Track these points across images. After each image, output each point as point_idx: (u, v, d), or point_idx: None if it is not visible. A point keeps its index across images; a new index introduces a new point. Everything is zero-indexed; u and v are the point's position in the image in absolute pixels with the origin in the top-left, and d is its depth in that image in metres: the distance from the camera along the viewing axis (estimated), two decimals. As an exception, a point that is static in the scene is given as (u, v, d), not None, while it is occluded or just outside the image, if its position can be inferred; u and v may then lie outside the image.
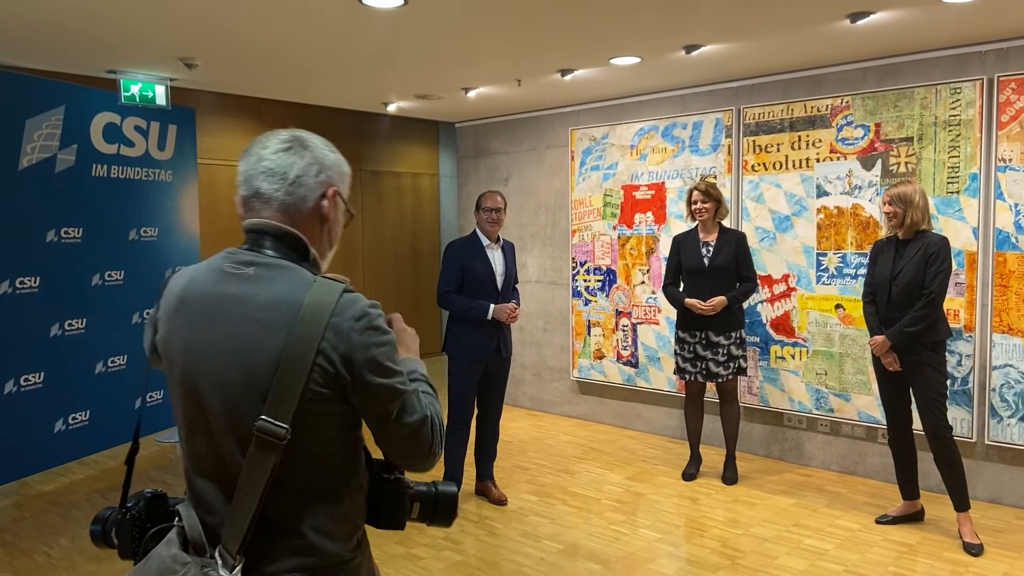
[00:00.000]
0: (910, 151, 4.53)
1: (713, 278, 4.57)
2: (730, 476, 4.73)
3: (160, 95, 5.20)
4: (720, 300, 4.51)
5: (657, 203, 5.71)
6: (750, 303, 5.04)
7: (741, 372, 4.67)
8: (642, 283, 5.82)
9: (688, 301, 4.58)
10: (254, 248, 1.33)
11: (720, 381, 4.66)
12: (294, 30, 4.15)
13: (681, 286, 4.73)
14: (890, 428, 4.03)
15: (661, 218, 5.68)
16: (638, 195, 5.81)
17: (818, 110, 4.88)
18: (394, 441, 1.33)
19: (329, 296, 1.25)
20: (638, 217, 5.82)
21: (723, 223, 4.71)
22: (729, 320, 4.58)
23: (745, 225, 5.20)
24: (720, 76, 5.29)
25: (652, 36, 4.29)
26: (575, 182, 6.24)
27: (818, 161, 4.88)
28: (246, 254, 1.32)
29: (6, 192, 4.30)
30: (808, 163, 4.93)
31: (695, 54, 4.59)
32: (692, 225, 4.77)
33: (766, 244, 5.12)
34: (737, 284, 4.61)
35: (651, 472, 4.99)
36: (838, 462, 4.95)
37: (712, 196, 4.60)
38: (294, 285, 1.27)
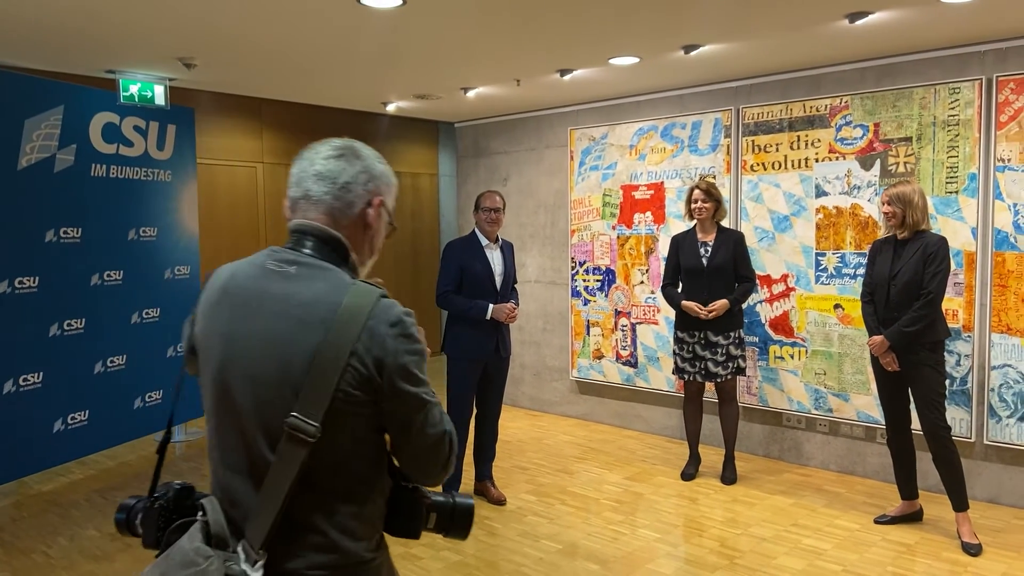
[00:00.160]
0: (909, 151, 4.53)
1: (712, 278, 4.57)
2: (729, 476, 4.74)
3: (159, 95, 5.20)
4: (722, 304, 4.51)
5: (656, 203, 5.71)
6: (749, 303, 5.04)
7: (740, 372, 4.67)
8: (641, 283, 5.82)
9: (686, 304, 4.58)
10: (297, 248, 1.36)
11: (719, 381, 4.66)
12: (293, 30, 4.15)
13: (680, 287, 4.73)
14: (889, 428, 4.03)
15: (660, 218, 5.68)
16: (637, 195, 5.81)
17: (817, 110, 4.88)
18: (413, 451, 1.35)
19: (366, 299, 1.28)
20: (637, 217, 5.82)
21: (721, 223, 4.72)
22: (728, 320, 4.58)
23: (744, 225, 5.20)
24: (719, 76, 5.29)
25: (651, 36, 4.29)
26: (574, 182, 6.24)
27: (817, 161, 4.89)
28: (289, 253, 1.36)
29: (5, 192, 4.29)
30: (807, 163, 4.93)
31: (694, 54, 4.59)
32: (690, 225, 4.77)
33: (765, 244, 5.12)
34: (736, 284, 4.62)
35: (650, 472, 4.99)
36: (837, 462, 4.95)
37: (713, 196, 4.60)
38: (333, 286, 1.30)
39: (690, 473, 4.85)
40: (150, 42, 4.44)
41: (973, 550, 3.70)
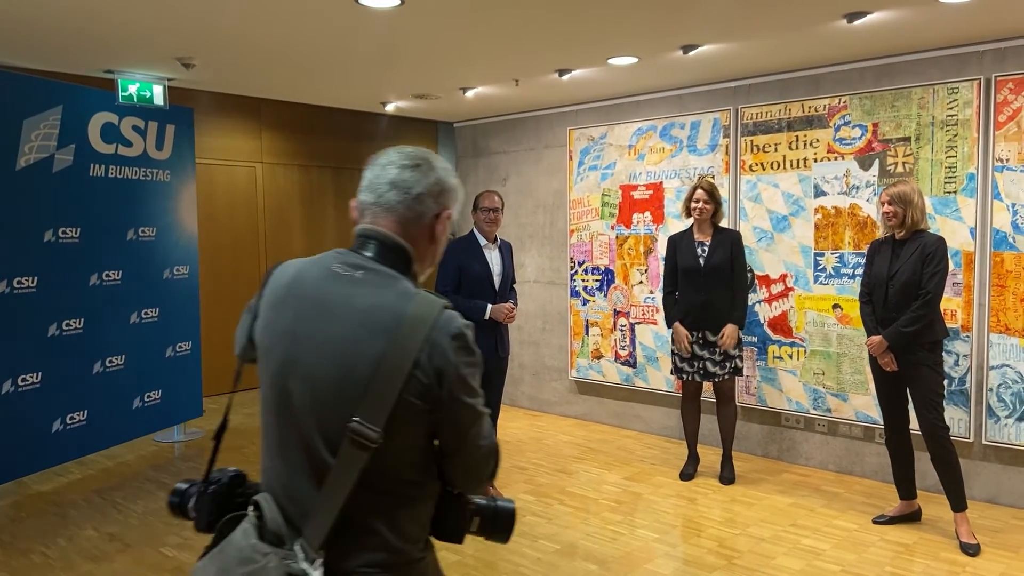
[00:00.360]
0: (907, 151, 4.53)
1: (709, 278, 4.58)
2: (727, 476, 4.74)
3: (158, 95, 5.20)
4: (731, 332, 4.56)
5: (655, 203, 5.71)
6: (748, 303, 5.03)
7: (737, 372, 4.68)
8: (640, 283, 5.82)
9: (677, 332, 4.65)
10: (364, 252, 1.38)
11: (717, 381, 4.67)
12: (291, 30, 4.15)
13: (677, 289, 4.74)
14: (887, 428, 4.03)
15: (659, 218, 5.68)
16: (636, 195, 5.81)
17: (816, 110, 4.88)
18: (465, 460, 1.39)
19: (430, 311, 1.30)
20: (636, 217, 5.82)
21: (718, 224, 4.72)
22: (726, 320, 4.59)
23: (743, 225, 5.20)
24: (718, 76, 5.29)
25: (649, 36, 4.29)
26: (573, 182, 6.24)
27: (816, 161, 4.89)
28: (356, 257, 1.38)
29: (3, 192, 4.29)
30: (806, 163, 4.93)
31: (692, 54, 4.59)
32: (687, 224, 4.77)
33: (764, 244, 5.12)
34: (732, 290, 4.62)
35: (649, 472, 4.99)
36: (835, 462, 4.95)
37: (715, 198, 4.60)
38: (398, 295, 1.32)
39: (689, 473, 4.85)
40: (149, 42, 4.44)
41: (971, 550, 3.70)
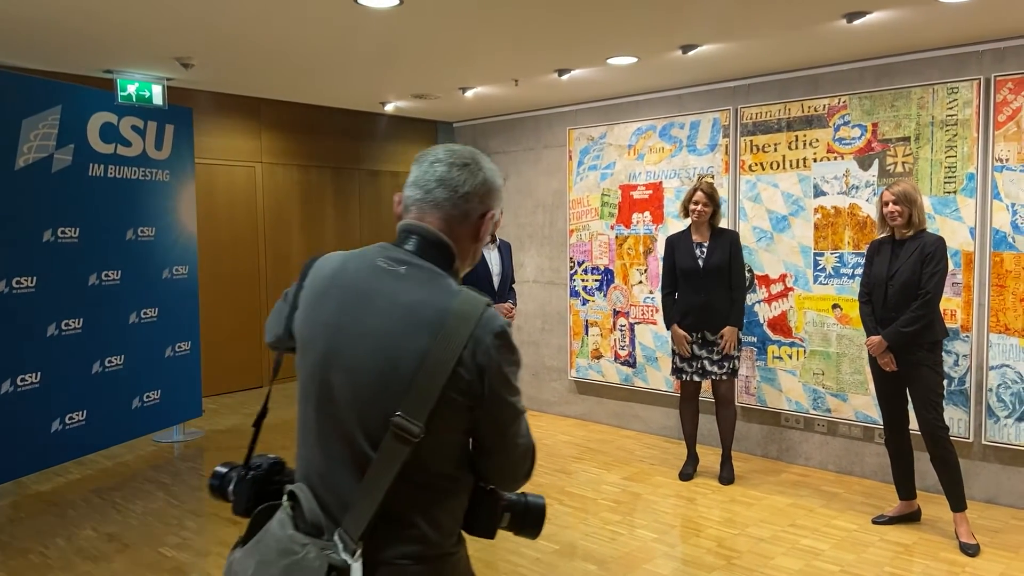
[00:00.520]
0: (907, 151, 4.53)
1: (708, 279, 4.57)
2: (726, 476, 4.73)
3: (157, 95, 5.20)
4: (730, 334, 4.56)
5: (655, 203, 5.70)
6: (747, 302, 5.03)
7: (734, 372, 4.67)
8: (640, 283, 5.82)
9: (676, 334, 4.65)
10: (408, 248, 1.39)
11: (714, 379, 4.66)
12: (290, 29, 4.14)
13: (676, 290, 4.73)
14: (887, 428, 4.03)
15: (659, 218, 5.68)
16: (636, 195, 5.81)
17: (815, 110, 4.87)
18: (503, 458, 1.39)
19: (474, 308, 1.31)
20: (636, 217, 5.82)
21: (716, 225, 4.70)
22: (726, 319, 4.58)
23: (742, 225, 5.19)
24: (717, 76, 5.29)
25: (649, 36, 4.28)
26: (573, 182, 6.23)
27: (815, 161, 4.88)
28: (400, 252, 1.38)
29: (2, 192, 4.28)
30: (805, 163, 4.93)
31: (692, 54, 4.59)
32: (684, 225, 4.76)
33: (763, 244, 5.12)
34: (730, 290, 4.61)
35: (648, 472, 4.98)
36: (835, 462, 4.94)
37: (714, 200, 4.60)
38: (441, 291, 1.33)
39: (688, 473, 4.84)
40: (148, 42, 4.44)
41: (971, 550, 3.69)
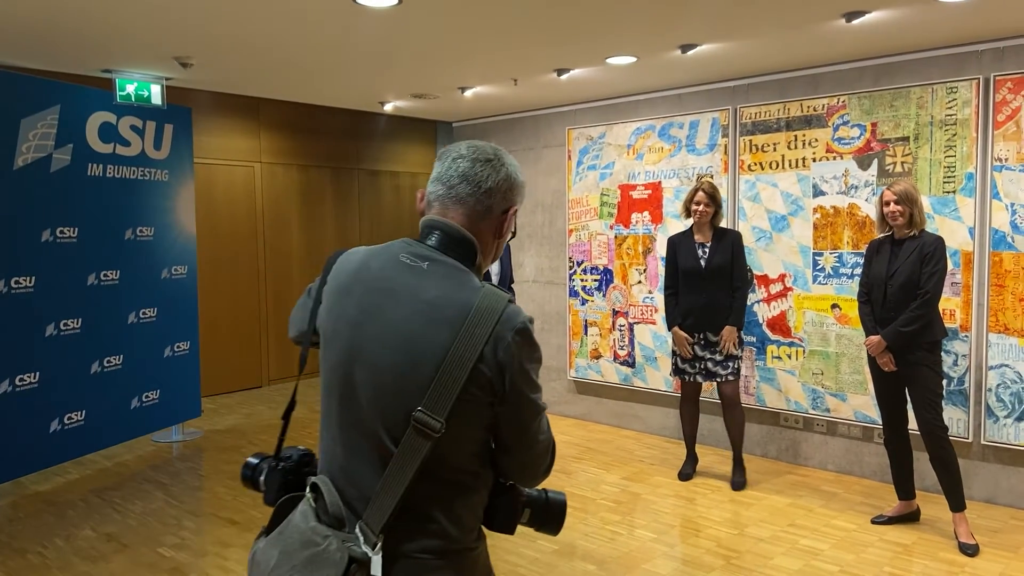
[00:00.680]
0: (906, 151, 4.53)
1: (709, 280, 4.55)
2: (738, 480, 4.66)
3: (156, 94, 5.19)
4: (729, 333, 4.52)
5: (654, 203, 5.70)
6: (747, 303, 5.01)
7: (738, 374, 4.63)
8: (639, 283, 5.81)
9: (677, 335, 4.62)
10: (430, 244, 1.40)
11: (720, 381, 4.64)
12: (289, 29, 4.14)
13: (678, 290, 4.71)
14: (886, 428, 4.02)
15: (658, 218, 5.68)
16: (635, 195, 5.81)
17: (814, 109, 4.87)
18: (523, 455, 1.40)
19: (496, 304, 1.31)
20: (635, 217, 5.82)
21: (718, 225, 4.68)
22: (726, 320, 4.57)
23: (741, 225, 5.19)
24: (716, 76, 5.28)
25: (648, 35, 4.28)
26: (572, 181, 6.23)
27: (814, 161, 4.88)
28: (423, 248, 1.39)
29: (1, 192, 4.28)
30: (804, 163, 4.92)
31: (691, 53, 4.58)
32: (686, 225, 4.76)
33: (762, 244, 5.12)
34: (731, 291, 4.58)
35: (647, 472, 4.98)
36: (834, 462, 4.94)
37: (716, 201, 4.56)
38: (463, 287, 1.33)
39: (687, 473, 4.84)
40: (146, 41, 4.43)
41: (970, 550, 3.69)
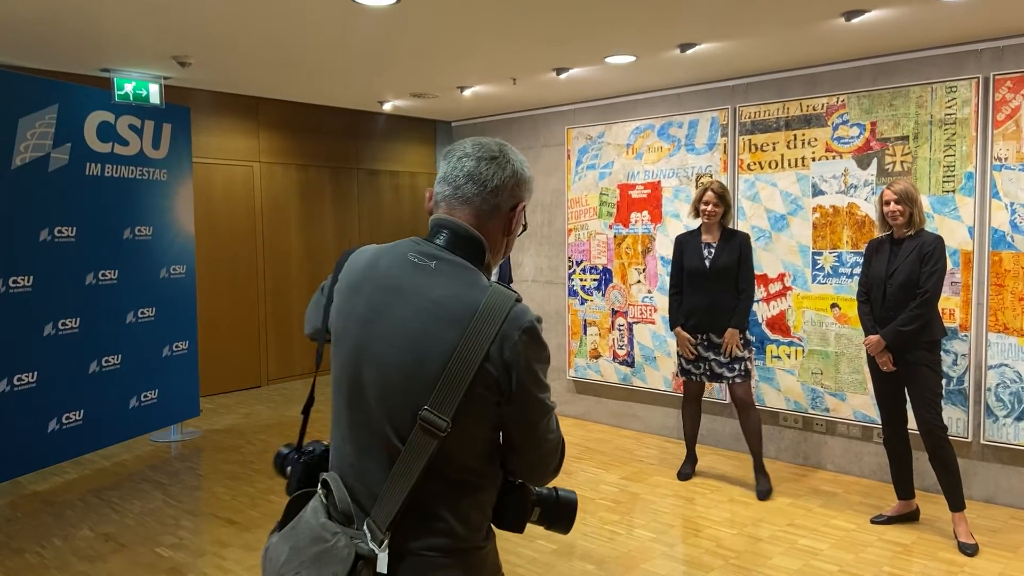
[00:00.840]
0: (906, 150, 4.52)
1: (714, 281, 4.48)
2: (763, 488, 4.49)
3: (154, 94, 5.18)
4: (730, 335, 4.44)
5: (653, 202, 5.69)
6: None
7: (748, 375, 4.52)
8: (638, 282, 5.81)
9: (679, 336, 4.58)
10: (439, 243, 1.40)
11: (728, 383, 4.55)
12: (288, 28, 4.13)
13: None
14: (885, 428, 4.02)
15: (657, 217, 5.67)
16: (634, 194, 5.80)
17: (814, 109, 4.87)
18: (532, 454, 1.40)
19: (503, 303, 1.31)
20: (634, 216, 5.81)
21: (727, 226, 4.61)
22: (730, 321, 4.49)
23: (741, 224, 5.18)
24: (716, 75, 5.28)
25: (647, 34, 4.27)
26: (571, 181, 6.22)
27: (814, 160, 4.87)
28: (431, 247, 1.39)
29: (-1, 191, 4.29)
30: (804, 162, 4.92)
31: (690, 52, 4.58)
32: (696, 224, 4.67)
33: (762, 243, 5.11)
34: (739, 290, 4.51)
35: (647, 472, 4.98)
36: (833, 462, 4.94)
37: (725, 201, 4.50)
38: (471, 286, 1.34)
39: (686, 473, 4.83)
40: (145, 40, 4.43)
41: (969, 550, 3.69)
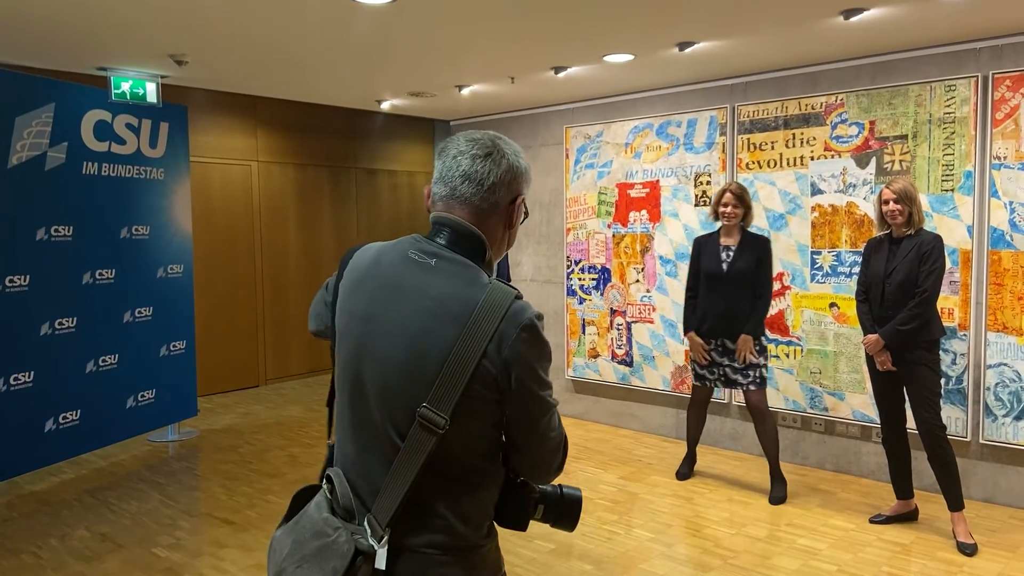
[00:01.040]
0: (905, 149, 4.51)
1: (731, 284, 4.39)
2: (777, 495, 4.40)
3: (151, 92, 5.17)
4: (743, 342, 4.35)
5: (652, 201, 5.68)
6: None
7: (763, 382, 4.43)
8: (637, 282, 5.80)
9: (692, 341, 4.51)
10: (439, 241, 1.41)
11: (743, 390, 4.48)
12: (285, 26, 4.12)
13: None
14: (884, 427, 4.01)
15: (656, 216, 5.66)
16: (633, 193, 5.79)
17: (812, 108, 4.86)
18: (534, 452, 1.40)
19: (502, 301, 1.31)
20: (633, 215, 5.80)
21: (747, 229, 4.52)
22: (744, 328, 4.39)
23: (740, 223, 5.17)
24: (714, 74, 5.27)
25: (645, 32, 4.26)
26: (570, 180, 6.21)
27: (812, 159, 4.86)
28: (432, 245, 1.40)
29: (-4, 190, 4.27)
30: (802, 161, 4.91)
31: (688, 51, 4.57)
32: (716, 227, 4.58)
33: (761, 242, 5.10)
34: (756, 295, 4.41)
35: (645, 471, 4.97)
36: (832, 461, 4.93)
37: (744, 202, 4.42)
38: (470, 284, 1.33)
39: (685, 473, 4.82)
40: (141, 39, 4.41)
41: (969, 550, 3.68)
